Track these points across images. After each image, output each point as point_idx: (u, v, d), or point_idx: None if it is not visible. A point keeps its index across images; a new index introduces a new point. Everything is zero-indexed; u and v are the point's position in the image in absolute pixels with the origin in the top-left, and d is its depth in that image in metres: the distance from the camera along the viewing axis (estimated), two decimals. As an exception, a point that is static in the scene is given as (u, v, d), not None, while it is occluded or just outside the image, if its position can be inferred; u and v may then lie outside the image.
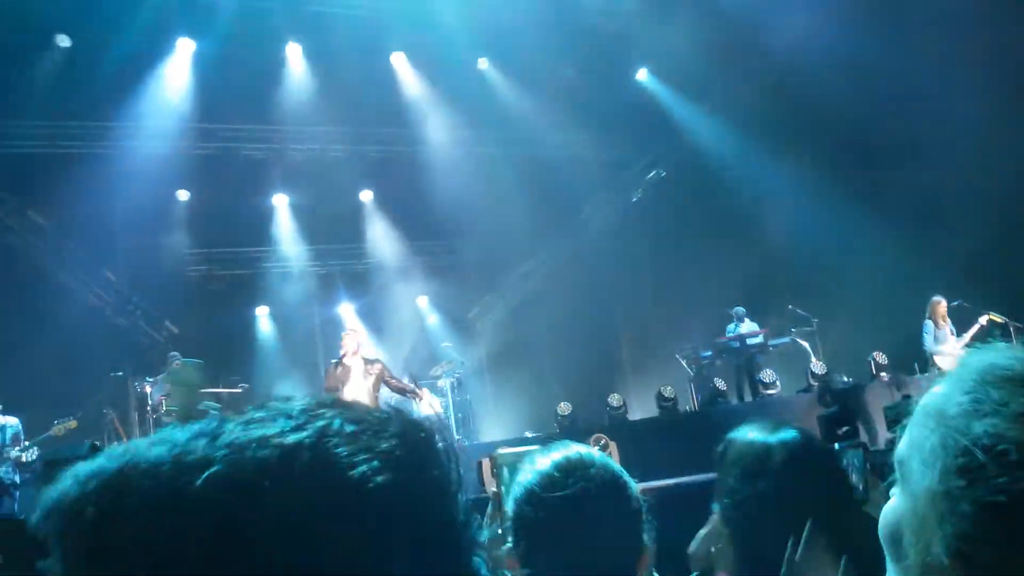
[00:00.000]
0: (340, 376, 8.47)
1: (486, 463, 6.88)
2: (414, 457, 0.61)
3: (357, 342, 8.80)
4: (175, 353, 10.87)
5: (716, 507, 1.67)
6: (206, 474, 0.56)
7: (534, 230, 14.14)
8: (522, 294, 14.76)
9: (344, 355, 8.66)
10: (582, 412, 11.35)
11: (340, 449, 0.59)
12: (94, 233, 12.48)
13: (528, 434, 11.36)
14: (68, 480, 0.58)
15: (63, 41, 11.34)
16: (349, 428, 0.60)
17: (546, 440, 8.85)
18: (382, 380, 8.71)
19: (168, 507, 0.56)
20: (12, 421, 8.32)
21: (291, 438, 0.58)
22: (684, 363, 12.35)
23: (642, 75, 13.92)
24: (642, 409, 12.22)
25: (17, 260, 11.77)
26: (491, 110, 13.22)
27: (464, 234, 14.41)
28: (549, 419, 11.75)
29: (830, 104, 11.50)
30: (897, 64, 10.96)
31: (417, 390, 9.16)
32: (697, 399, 11.88)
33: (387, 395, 8.78)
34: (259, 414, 0.61)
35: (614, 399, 11.39)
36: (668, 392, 11.37)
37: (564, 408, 11.33)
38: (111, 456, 0.59)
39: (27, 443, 8.23)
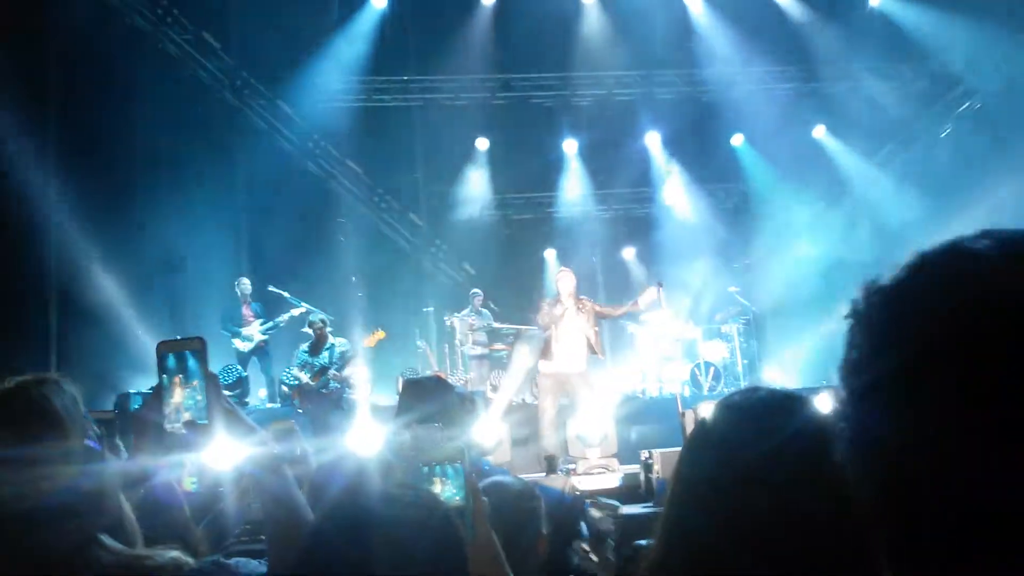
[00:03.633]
0: (555, 314, 8.57)
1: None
2: None
3: (572, 282, 8.80)
4: (476, 291, 11.68)
5: None
6: None
7: (830, 171, 13.50)
8: (816, 234, 14.14)
9: (560, 295, 8.70)
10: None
11: None
12: (400, 181, 13.65)
13: (823, 383, 10.99)
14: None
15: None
16: None
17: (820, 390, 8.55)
18: (594, 313, 8.76)
19: None
20: (341, 341, 9.43)
21: None
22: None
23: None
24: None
25: (341, 204, 13.16)
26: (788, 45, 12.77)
27: (751, 178, 14.07)
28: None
29: None
30: None
31: (636, 303, 9.04)
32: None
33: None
34: None
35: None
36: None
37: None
38: None
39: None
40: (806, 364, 12.61)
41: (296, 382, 9.06)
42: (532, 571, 2.57)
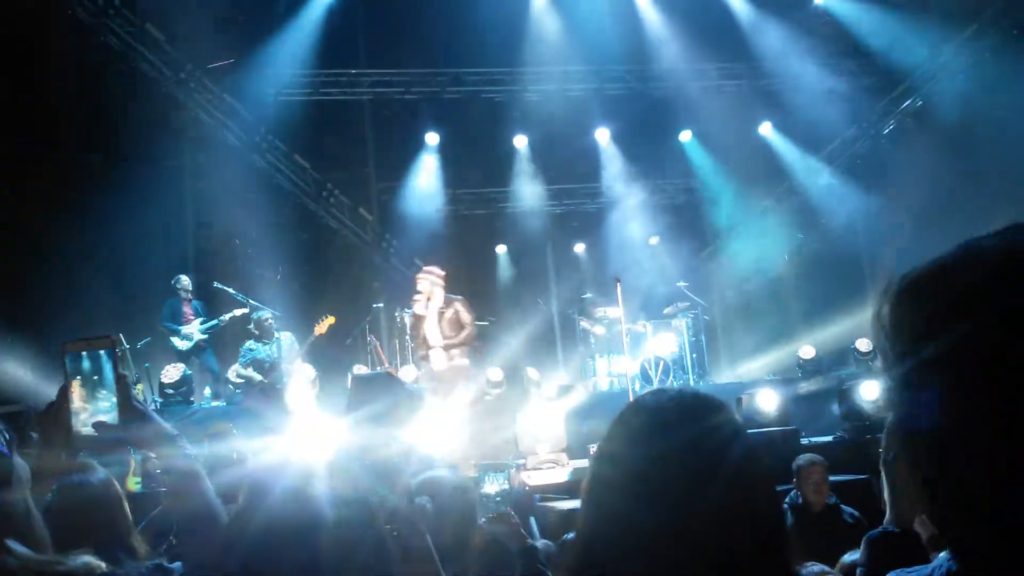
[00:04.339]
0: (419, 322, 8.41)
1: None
2: None
3: (431, 283, 8.55)
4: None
5: None
6: None
7: (779, 166, 13.71)
8: (763, 230, 14.34)
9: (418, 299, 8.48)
10: (827, 357, 10.97)
11: None
12: (350, 176, 13.53)
13: (768, 377, 11.16)
14: None
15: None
16: None
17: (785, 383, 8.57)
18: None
19: None
20: (286, 335, 9.32)
21: None
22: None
23: None
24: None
25: (288, 199, 12.98)
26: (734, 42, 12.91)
27: (698, 173, 14.23)
28: (790, 363, 11.49)
29: None
30: None
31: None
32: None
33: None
34: None
35: (862, 344, 10.88)
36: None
37: (807, 352, 11.00)
38: None
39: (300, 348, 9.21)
40: (754, 358, 12.82)
41: (244, 380, 8.92)
42: (471, 562, 2.57)
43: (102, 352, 1.50)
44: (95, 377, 1.49)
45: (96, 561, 1.37)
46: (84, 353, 1.49)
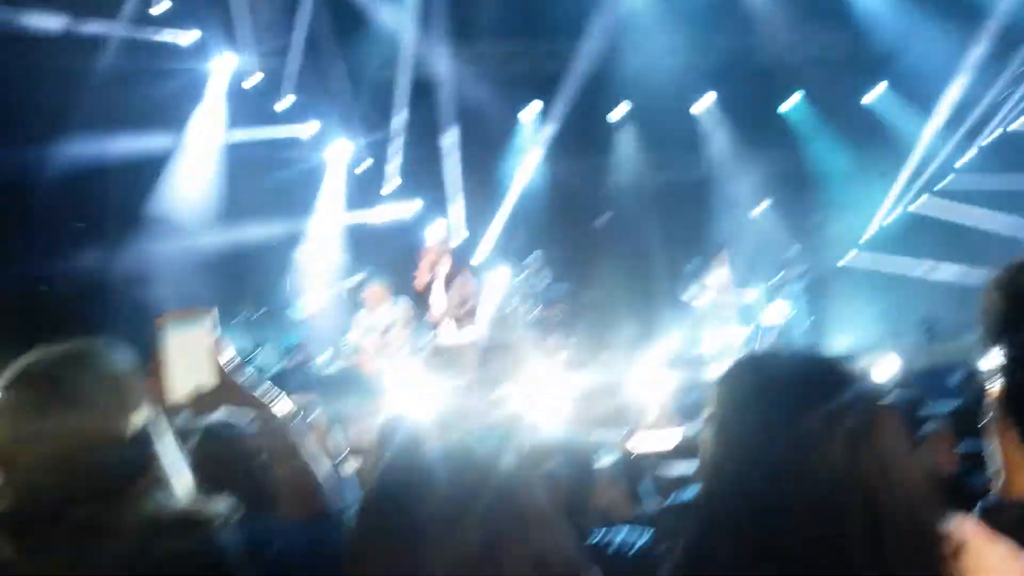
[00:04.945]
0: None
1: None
2: None
3: (438, 253, 8.30)
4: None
5: None
6: None
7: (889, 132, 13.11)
8: (876, 195, 13.77)
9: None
10: (946, 328, 10.54)
11: None
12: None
13: (887, 344, 10.74)
14: None
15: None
16: None
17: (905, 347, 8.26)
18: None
19: None
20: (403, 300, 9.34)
21: None
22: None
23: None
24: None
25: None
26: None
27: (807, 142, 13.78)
28: (909, 329, 11.10)
29: None
30: None
31: None
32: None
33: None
34: None
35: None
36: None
37: (929, 318, 10.60)
38: None
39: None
40: (871, 324, 12.37)
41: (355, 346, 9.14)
42: (592, 521, 2.57)
43: (198, 323, 1.54)
44: (192, 347, 1.52)
45: (233, 509, 1.42)
46: (181, 324, 1.53)
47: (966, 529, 1.16)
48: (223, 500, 1.44)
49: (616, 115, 14.12)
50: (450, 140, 12.96)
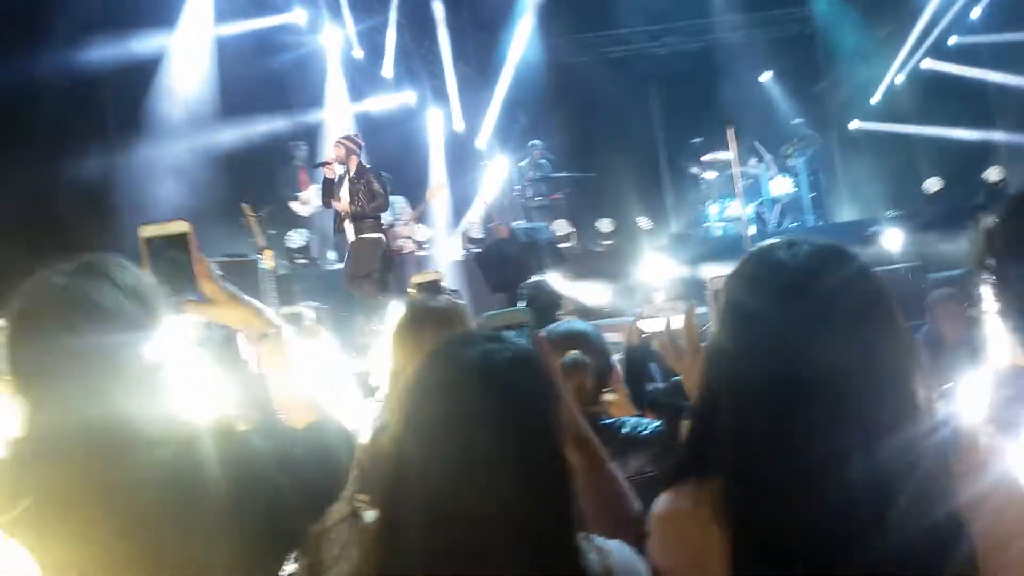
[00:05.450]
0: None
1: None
2: None
3: (347, 150, 7.97)
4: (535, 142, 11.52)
5: None
6: None
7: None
8: (883, 58, 13.38)
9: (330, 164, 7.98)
10: (956, 190, 10.44)
11: None
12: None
13: (889, 213, 10.73)
14: None
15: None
16: None
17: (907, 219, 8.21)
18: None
19: None
20: (397, 197, 9.32)
21: None
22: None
23: None
24: (1028, 185, 10.89)
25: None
26: None
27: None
28: (913, 198, 11.00)
29: None
30: None
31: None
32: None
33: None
34: None
35: (993, 173, 10.23)
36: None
37: (932, 184, 10.50)
38: None
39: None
40: (874, 194, 12.30)
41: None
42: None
43: (178, 236, 1.50)
44: (174, 260, 1.49)
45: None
46: (160, 237, 1.49)
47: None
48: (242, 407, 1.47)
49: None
50: (444, 28, 12.57)
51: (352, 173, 7.90)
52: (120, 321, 1.37)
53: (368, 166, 8.09)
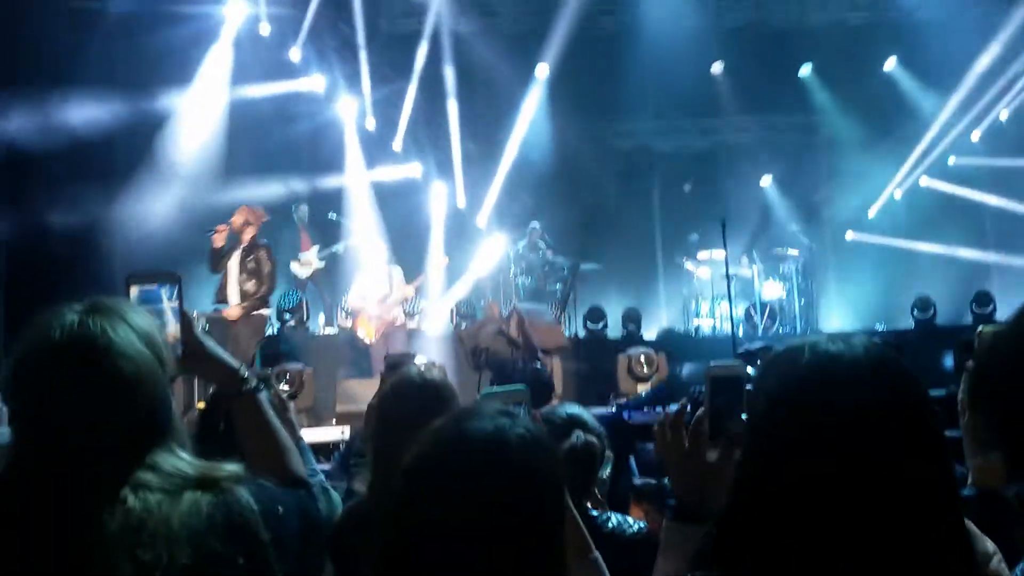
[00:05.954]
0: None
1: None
2: None
3: (245, 221, 7.74)
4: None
5: None
6: None
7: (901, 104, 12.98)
8: (883, 172, 13.63)
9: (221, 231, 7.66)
10: (944, 309, 10.54)
11: None
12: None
13: (878, 327, 10.81)
14: None
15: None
16: None
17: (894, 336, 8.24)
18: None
19: None
20: (396, 269, 9.42)
21: None
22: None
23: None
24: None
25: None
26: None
27: (820, 111, 13.60)
28: (903, 313, 11.09)
29: None
30: None
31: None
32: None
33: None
34: None
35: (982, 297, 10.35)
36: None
37: (921, 302, 10.60)
38: None
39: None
40: (864, 305, 12.38)
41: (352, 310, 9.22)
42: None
43: (165, 288, 1.53)
44: (159, 312, 1.50)
45: (242, 471, 1.44)
46: (148, 287, 1.52)
47: None
48: (230, 463, 1.46)
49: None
50: (454, 104, 12.82)
51: (244, 246, 7.66)
52: (135, 360, 1.36)
53: (262, 242, 7.84)
